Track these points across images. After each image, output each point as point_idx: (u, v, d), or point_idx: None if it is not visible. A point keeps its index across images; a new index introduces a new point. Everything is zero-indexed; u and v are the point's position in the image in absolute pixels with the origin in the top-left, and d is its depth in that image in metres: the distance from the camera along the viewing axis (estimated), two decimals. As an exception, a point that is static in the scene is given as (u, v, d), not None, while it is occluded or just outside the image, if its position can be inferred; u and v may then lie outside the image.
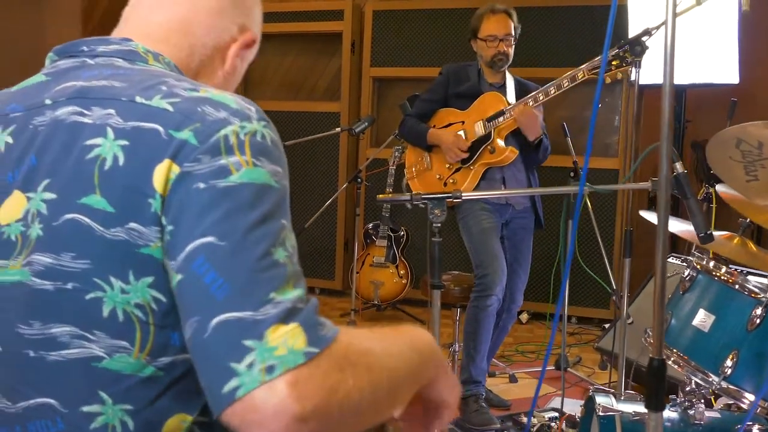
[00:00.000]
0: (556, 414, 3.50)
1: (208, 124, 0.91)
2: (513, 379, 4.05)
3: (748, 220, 2.51)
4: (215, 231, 0.85)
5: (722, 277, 2.05)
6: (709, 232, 2.01)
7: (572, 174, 4.20)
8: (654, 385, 1.27)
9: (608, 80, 3.13)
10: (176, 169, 0.88)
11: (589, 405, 2.34)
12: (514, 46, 3.55)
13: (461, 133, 3.52)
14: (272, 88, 6.15)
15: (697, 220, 2.04)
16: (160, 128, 0.90)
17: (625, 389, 3.06)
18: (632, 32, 4.71)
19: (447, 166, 3.56)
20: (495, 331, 3.57)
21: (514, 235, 3.55)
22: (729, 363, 1.94)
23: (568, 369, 4.18)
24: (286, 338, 0.81)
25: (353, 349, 0.86)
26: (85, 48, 1.06)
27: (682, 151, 5.17)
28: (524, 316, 5.12)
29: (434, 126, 3.63)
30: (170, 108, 0.93)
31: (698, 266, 2.13)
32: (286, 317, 0.83)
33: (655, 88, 5.18)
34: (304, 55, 6.07)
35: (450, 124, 3.58)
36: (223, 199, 0.87)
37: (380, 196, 2.18)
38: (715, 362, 1.96)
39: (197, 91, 0.96)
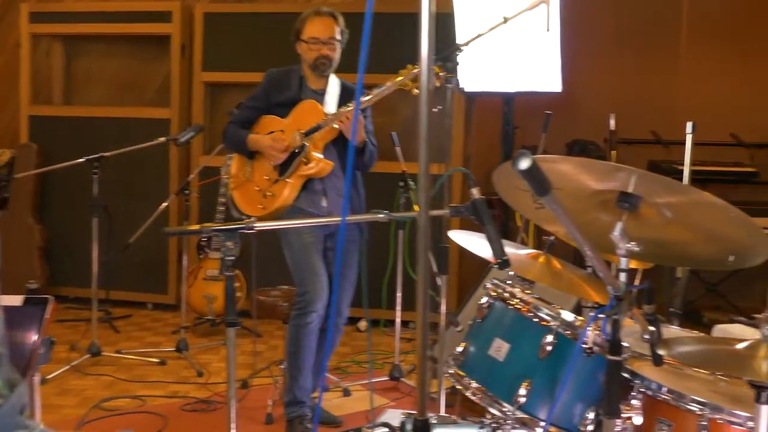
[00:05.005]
0: (387, 429, 3.46)
1: None
2: (347, 392, 3.99)
3: (552, 238, 2.54)
4: None
5: (516, 306, 2.05)
6: (505, 259, 2.00)
7: (402, 183, 4.21)
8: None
9: (416, 91, 3.11)
10: None
11: None
12: (340, 51, 3.47)
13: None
14: (98, 92, 5.81)
15: (494, 246, 2.03)
16: None
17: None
18: (460, 39, 4.81)
19: (266, 177, 3.45)
20: (322, 348, 3.50)
21: (340, 251, 3.46)
22: (523, 392, 1.94)
23: (402, 379, 4.18)
24: None
25: None
26: None
27: (512, 156, 5.29)
28: (363, 324, 5.09)
29: (257, 133, 3.51)
30: None
31: (494, 294, 2.12)
32: None
33: (486, 96, 5.30)
34: (131, 57, 5.78)
35: (271, 132, 3.47)
36: None
37: (167, 228, 2.03)
38: (509, 391, 1.96)
39: None
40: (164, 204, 4.56)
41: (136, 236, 4.54)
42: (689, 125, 3.17)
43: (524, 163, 1.12)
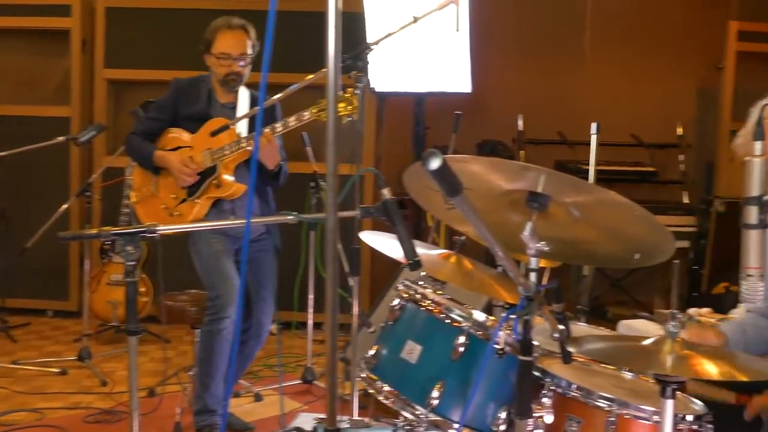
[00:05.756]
0: (299, 434, 3.41)
1: None
2: (258, 397, 3.91)
3: (463, 238, 2.54)
4: None
5: (428, 307, 2.04)
6: (417, 260, 1.98)
7: (312, 183, 4.16)
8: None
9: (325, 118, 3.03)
10: None
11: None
12: (251, 66, 3.37)
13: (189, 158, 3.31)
14: (-7, 88, 5.52)
15: (406, 247, 2.00)
16: None
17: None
18: (370, 39, 4.80)
19: (173, 196, 3.34)
20: (240, 358, 3.43)
21: (254, 260, 3.37)
22: (436, 394, 1.92)
23: (315, 381, 4.13)
24: None
25: None
26: None
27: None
28: (273, 326, 4.99)
29: (162, 147, 3.38)
30: None
31: (405, 295, 2.11)
32: None
33: (397, 96, 5.30)
34: (29, 53, 5.52)
35: (178, 148, 3.35)
36: None
37: (61, 233, 1.92)
38: (422, 394, 1.94)
39: None
40: (64, 206, 4.36)
41: (34, 240, 4.33)
42: (594, 126, 3.24)
43: (434, 163, 1.10)
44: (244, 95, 3.42)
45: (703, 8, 5.70)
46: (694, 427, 1.88)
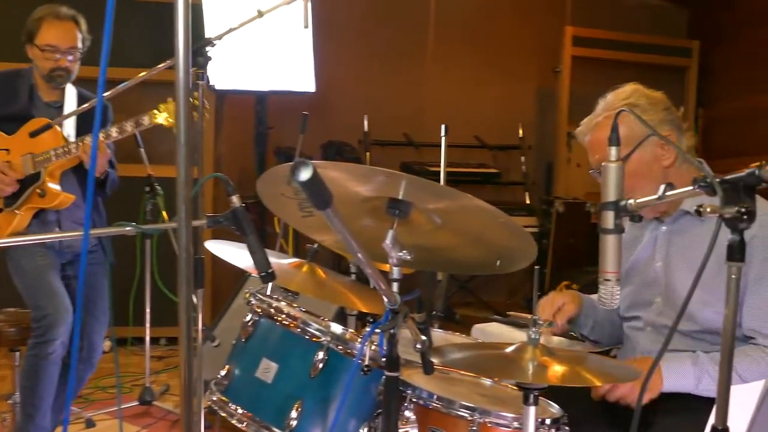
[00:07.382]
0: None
1: None
2: (90, 423, 3.59)
3: (316, 246, 2.43)
4: None
5: (284, 322, 1.90)
6: (270, 271, 1.85)
7: (148, 188, 3.88)
8: None
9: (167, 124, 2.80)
10: None
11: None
12: (80, 61, 3.08)
13: (6, 163, 2.97)
14: None
15: (257, 258, 1.86)
16: None
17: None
18: (209, 32, 4.56)
19: None
20: (66, 384, 3.11)
21: (86, 274, 3.08)
22: (294, 414, 1.79)
23: (154, 402, 3.85)
24: None
25: None
26: None
27: (266, 157, 5.15)
28: (107, 344, 4.64)
29: None
30: None
31: (258, 310, 1.96)
32: None
33: (237, 94, 5.10)
34: None
35: None
36: None
37: None
38: (279, 415, 1.80)
39: None
40: None
41: None
42: (443, 128, 3.23)
43: (304, 174, 0.97)
44: (71, 93, 3.13)
45: (541, 13, 5.92)
46: (552, 430, 1.88)
